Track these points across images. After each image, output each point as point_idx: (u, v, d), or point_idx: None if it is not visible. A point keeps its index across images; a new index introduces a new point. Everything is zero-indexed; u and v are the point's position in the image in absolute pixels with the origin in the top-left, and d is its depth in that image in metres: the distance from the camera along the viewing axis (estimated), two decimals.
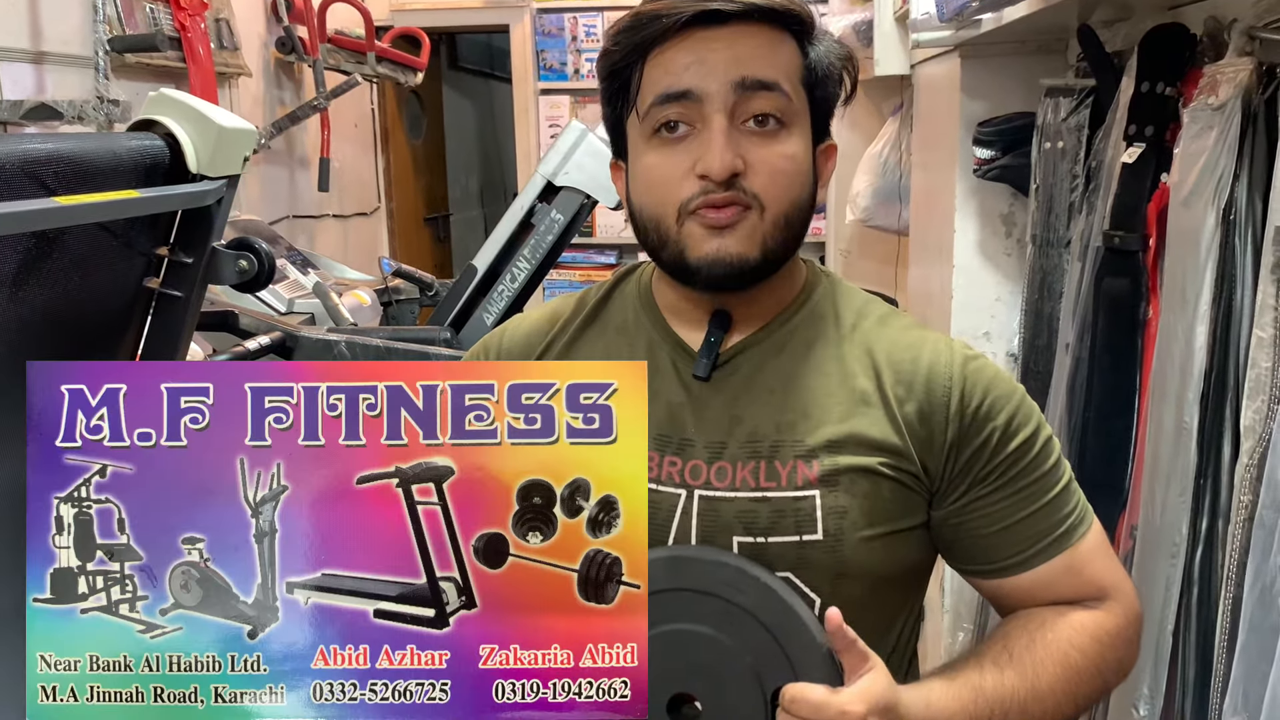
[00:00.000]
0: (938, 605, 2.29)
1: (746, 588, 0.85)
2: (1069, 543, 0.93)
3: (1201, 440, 1.23)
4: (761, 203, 0.87)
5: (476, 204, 6.19)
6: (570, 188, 2.39)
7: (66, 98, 2.24)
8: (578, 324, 1.01)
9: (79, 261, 0.99)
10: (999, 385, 0.93)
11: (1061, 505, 0.93)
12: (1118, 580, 0.95)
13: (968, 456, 0.91)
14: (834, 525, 0.89)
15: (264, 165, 3.48)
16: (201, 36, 2.78)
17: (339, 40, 3.64)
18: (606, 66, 0.92)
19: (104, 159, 0.97)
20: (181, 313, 1.13)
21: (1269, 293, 1.05)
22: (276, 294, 2.57)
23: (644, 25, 0.88)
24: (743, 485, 0.90)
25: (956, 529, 0.93)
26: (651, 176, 0.90)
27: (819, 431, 0.90)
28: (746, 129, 0.87)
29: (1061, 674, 0.89)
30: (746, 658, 0.84)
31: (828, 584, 0.89)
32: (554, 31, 4.35)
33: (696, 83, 0.86)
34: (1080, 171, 1.70)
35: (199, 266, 1.12)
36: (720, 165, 0.85)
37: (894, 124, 2.95)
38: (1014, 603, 0.95)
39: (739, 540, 0.89)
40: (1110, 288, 1.51)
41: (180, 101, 1.06)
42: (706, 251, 0.88)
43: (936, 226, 2.30)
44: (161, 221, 1.09)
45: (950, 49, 2.12)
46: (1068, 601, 0.94)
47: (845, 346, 0.94)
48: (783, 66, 0.88)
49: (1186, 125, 1.28)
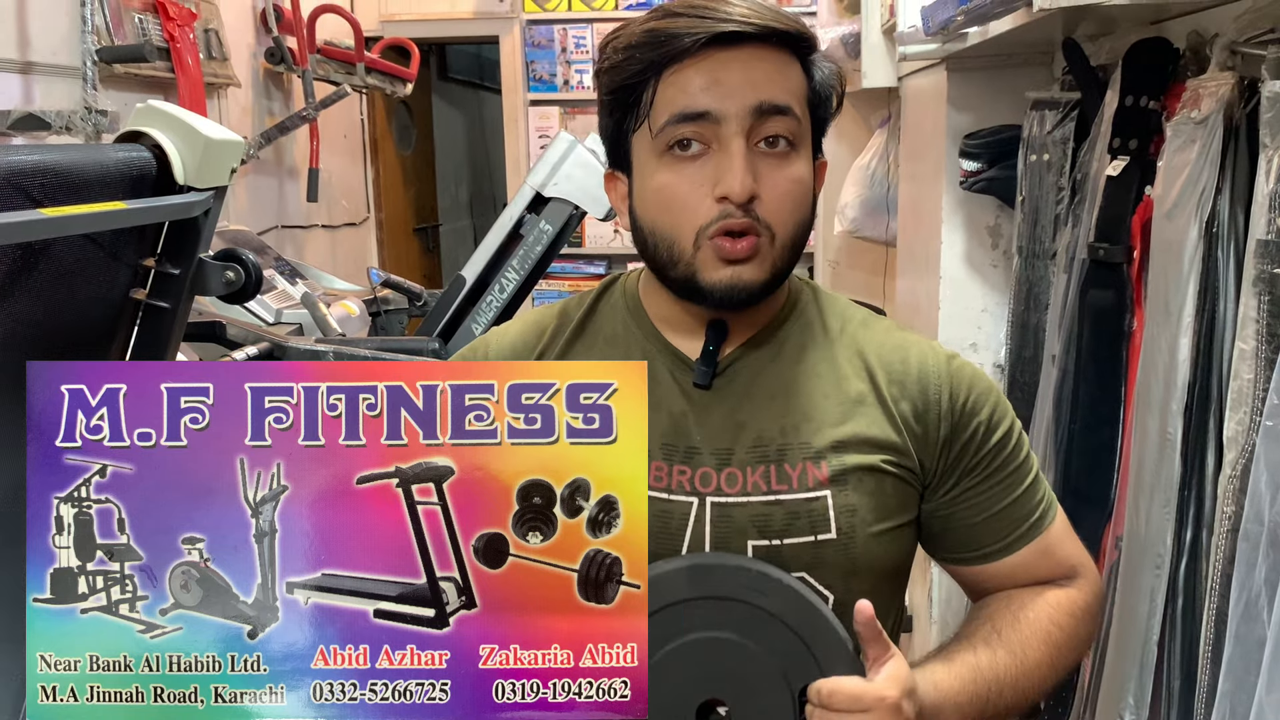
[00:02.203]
0: (926, 615, 2.29)
1: (769, 590, 0.86)
2: (1043, 527, 1.00)
3: (1185, 451, 1.23)
4: (773, 230, 0.90)
5: (466, 214, 6.19)
6: (559, 199, 2.40)
7: (54, 108, 2.23)
8: (566, 336, 1.01)
9: (65, 273, 0.99)
10: (979, 382, 0.99)
11: (1035, 492, 1.00)
12: (1083, 559, 1.03)
13: (957, 450, 0.96)
14: (846, 523, 0.92)
15: (253, 175, 3.48)
16: (190, 47, 2.78)
17: (328, 51, 3.64)
18: (615, 80, 0.92)
19: (91, 170, 0.96)
20: (168, 324, 1.13)
21: (1251, 305, 1.06)
22: (264, 304, 2.57)
23: (661, 43, 0.88)
24: (754, 489, 0.92)
25: (946, 520, 0.98)
26: (666, 195, 0.90)
27: (822, 433, 0.94)
28: (759, 150, 0.89)
29: (1045, 649, 0.95)
30: (773, 659, 0.85)
31: (840, 581, 0.92)
32: (544, 43, 4.36)
33: (715, 105, 0.87)
34: (1066, 184, 1.71)
35: (186, 278, 1.11)
36: (741, 188, 0.87)
37: (881, 136, 2.97)
38: (995, 586, 1.01)
39: (754, 544, 0.91)
40: (1095, 300, 1.52)
41: (168, 113, 1.05)
42: (721, 278, 0.90)
43: (923, 238, 2.31)
44: (148, 233, 1.09)
45: (937, 62, 2.13)
46: (1042, 581, 1.00)
47: (836, 349, 0.98)
48: (793, 90, 0.91)
49: (1169, 139, 1.29)
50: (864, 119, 3.35)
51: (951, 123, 2.08)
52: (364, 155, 4.49)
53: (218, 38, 3.07)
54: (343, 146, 4.24)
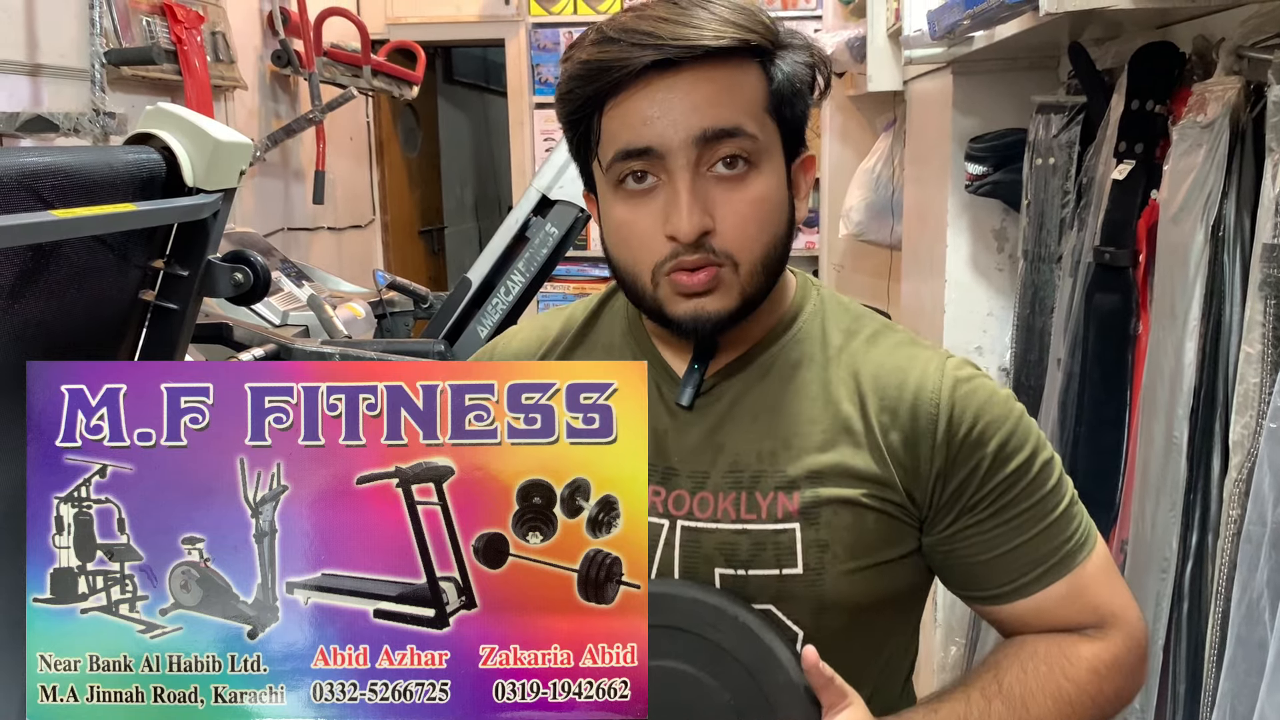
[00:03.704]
0: (930, 620, 2.29)
1: (724, 626, 0.84)
2: (1068, 569, 0.90)
3: (1191, 455, 1.23)
4: (735, 259, 0.85)
5: (471, 217, 6.20)
6: (564, 201, 2.40)
7: (62, 110, 2.24)
8: (566, 344, 1.00)
9: (75, 274, 0.99)
10: (992, 409, 0.89)
11: (1061, 530, 0.90)
12: (1120, 606, 0.92)
13: (956, 485, 0.88)
14: (814, 559, 0.87)
15: (259, 178, 3.49)
16: (198, 49, 2.79)
17: (335, 54, 3.65)
18: (564, 112, 0.89)
19: (101, 172, 0.97)
20: (177, 325, 1.13)
21: (1257, 309, 1.06)
22: (271, 306, 2.57)
23: (595, 76, 0.84)
24: (723, 516, 0.89)
25: (947, 555, 0.91)
26: (624, 233, 0.87)
27: (801, 461, 0.89)
28: (715, 174, 0.84)
29: (1053, 706, 0.88)
30: (725, 696, 0.84)
31: (809, 617, 0.88)
32: (549, 46, 4.37)
33: (656, 140, 0.83)
34: (1071, 187, 1.71)
35: (194, 279, 1.12)
36: (688, 228, 0.82)
37: (887, 139, 2.97)
38: (1011, 628, 0.93)
39: (720, 572, 0.88)
40: (1101, 303, 1.52)
41: (177, 115, 1.06)
42: (685, 311, 0.86)
43: (928, 241, 2.31)
44: (157, 234, 1.10)
45: (943, 65, 2.13)
46: (1066, 628, 0.91)
47: (831, 370, 0.92)
48: (745, 105, 0.84)
49: (1175, 143, 1.30)
50: (869, 122, 3.36)
51: (957, 126, 2.08)
52: (370, 158, 4.50)
53: (225, 40, 3.08)
54: (349, 149, 4.25)
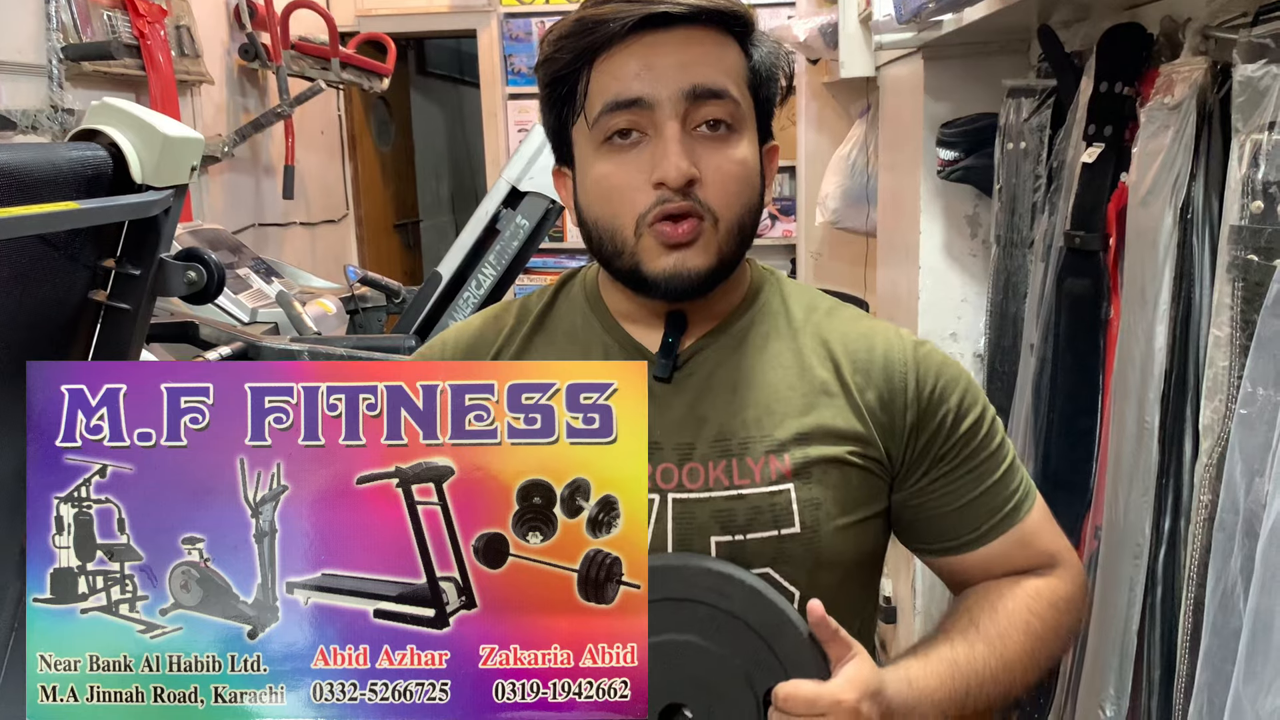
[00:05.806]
0: (909, 606, 2.29)
1: (731, 592, 0.85)
2: (1019, 516, 0.97)
3: (1163, 440, 1.23)
4: (715, 214, 0.87)
5: (447, 210, 6.16)
6: (535, 193, 2.38)
7: (20, 107, 2.20)
8: (525, 331, 1.00)
9: (19, 275, 0.97)
10: (948, 369, 0.96)
11: (1010, 480, 0.97)
12: (1064, 548, 1.00)
13: (926, 439, 0.94)
14: (810, 517, 0.90)
15: (229, 174, 3.44)
16: (161, 44, 2.74)
17: (303, 47, 3.60)
18: (549, 73, 0.91)
19: (42, 170, 0.94)
20: (130, 325, 1.11)
21: (1225, 291, 1.05)
22: (239, 304, 2.54)
23: (589, 30, 0.87)
24: (716, 485, 0.90)
25: (917, 510, 0.96)
26: (605, 186, 0.89)
27: (785, 425, 0.92)
28: (699, 134, 0.87)
29: (1025, 641, 0.93)
30: (736, 661, 0.84)
31: (805, 576, 0.90)
32: (521, 36, 4.33)
33: (647, 90, 0.86)
34: (1042, 171, 1.70)
35: (147, 278, 1.09)
36: (677, 173, 0.85)
37: (861, 126, 2.96)
38: (971, 577, 0.99)
39: (717, 540, 0.90)
40: (1072, 288, 1.51)
41: (123, 110, 1.03)
42: (664, 266, 0.88)
43: (903, 228, 2.30)
44: (107, 233, 1.07)
45: (914, 50, 2.12)
46: (1021, 571, 0.98)
47: (800, 339, 0.96)
48: (730, 71, 0.88)
49: (1144, 125, 1.29)
50: (844, 109, 3.34)
51: (929, 112, 2.07)
52: (342, 151, 4.45)
53: (190, 34, 3.04)
54: (320, 143, 4.21)
